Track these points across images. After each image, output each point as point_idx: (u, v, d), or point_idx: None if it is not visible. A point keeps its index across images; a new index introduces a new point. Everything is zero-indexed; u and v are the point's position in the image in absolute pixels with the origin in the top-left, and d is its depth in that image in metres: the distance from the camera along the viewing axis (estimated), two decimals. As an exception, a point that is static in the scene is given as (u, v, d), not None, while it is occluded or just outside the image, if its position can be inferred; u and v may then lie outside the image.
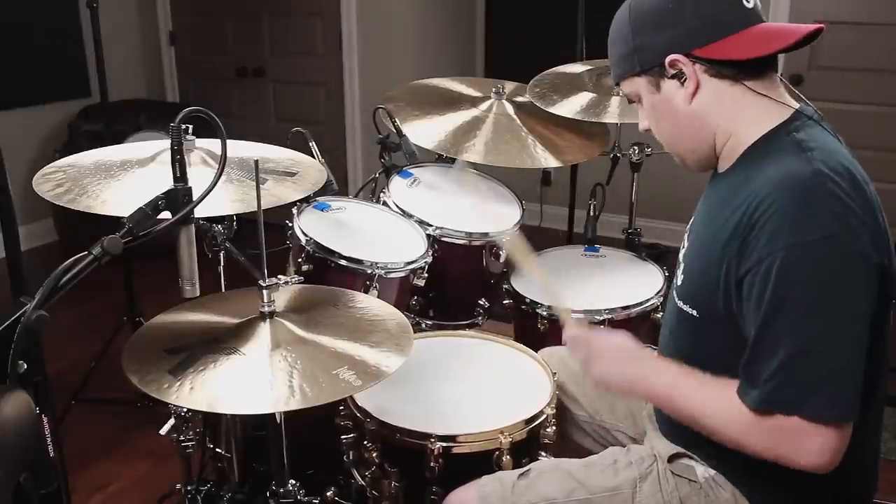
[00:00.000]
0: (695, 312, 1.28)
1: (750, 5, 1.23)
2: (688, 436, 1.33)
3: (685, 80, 1.25)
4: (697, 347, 1.31)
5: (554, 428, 1.56)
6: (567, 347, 1.44)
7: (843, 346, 1.10)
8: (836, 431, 1.10)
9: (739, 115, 1.25)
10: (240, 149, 1.70)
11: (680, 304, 1.32)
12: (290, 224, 1.94)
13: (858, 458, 1.15)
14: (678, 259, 1.39)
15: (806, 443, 1.11)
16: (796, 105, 1.26)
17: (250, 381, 1.28)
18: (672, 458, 1.36)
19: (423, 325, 2.13)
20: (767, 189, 1.14)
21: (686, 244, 1.38)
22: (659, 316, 2.00)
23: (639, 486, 1.34)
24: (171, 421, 1.74)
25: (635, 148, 2.49)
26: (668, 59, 1.24)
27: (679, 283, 1.35)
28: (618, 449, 1.46)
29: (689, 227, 1.40)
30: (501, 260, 2.18)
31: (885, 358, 1.22)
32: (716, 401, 1.20)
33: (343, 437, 1.62)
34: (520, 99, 2.45)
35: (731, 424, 1.18)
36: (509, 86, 2.49)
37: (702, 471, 1.33)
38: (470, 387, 1.68)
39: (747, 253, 1.15)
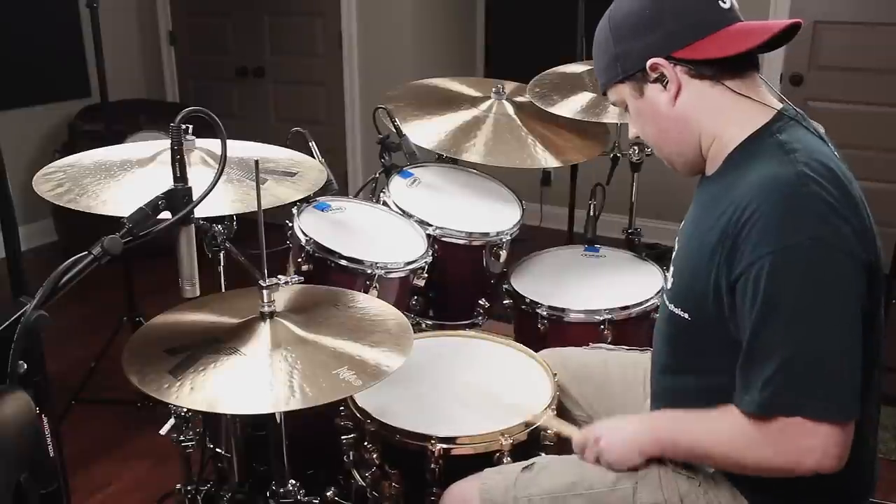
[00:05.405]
0: (687, 316, 1.29)
1: (726, 6, 1.24)
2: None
3: (667, 83, 1.26)
4: (690, 350, 1.31)
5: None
6: (579, 454, 1.41)
7: (837, 345, 1.11)
8: (839, 429, 1.11)
9: (722, 117, 1.26)
10: (240, 149, 1.70)
11: (671, 307, 1.32)
12: (290, 224, 1.94)
13: (854, 456, 1.15)
14: (670, 263, 1.39)
15: (810, 443, 1.11)
16: (779, 105, 1.27)
17: (250, 381, 1.28)
18: (671, 456, 1.36)
19: (423, 325, 2.13)
20: (752, 193, 1.15)
21: (676, 248, 1.38)
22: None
23: (639, 483, 1.34)
24: (171, 421, 1.74)
25: (635, 148, 2.49)
26: (648, 63, 1.25)
27: (669, 286, 1.36)
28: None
29: (679, 230, 1.40)
30: (501, 260, 2.18)
31: (878, 356, 1.22)
32: (718, 423, 1.21)
33: (343, 437, 1.62)
34: (520, 99, 2.45)
35: (737, 439, 1.18)
36: (509, 86, 2.49)
37: (701, 468, 1.33)
38: (470, 387, 1.68)
39: (737, 258, 1.15)
